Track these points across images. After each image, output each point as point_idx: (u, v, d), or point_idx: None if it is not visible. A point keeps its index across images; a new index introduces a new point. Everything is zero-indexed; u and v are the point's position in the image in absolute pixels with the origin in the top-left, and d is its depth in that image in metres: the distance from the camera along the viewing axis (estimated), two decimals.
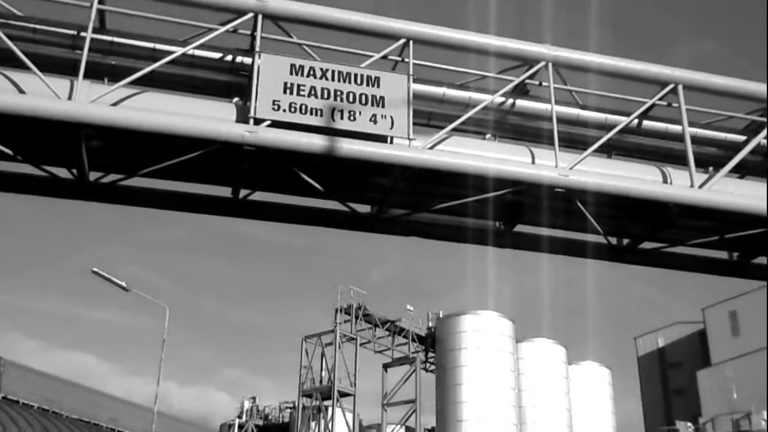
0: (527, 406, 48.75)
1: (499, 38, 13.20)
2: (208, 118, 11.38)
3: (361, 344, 48.83)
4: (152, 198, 13.10)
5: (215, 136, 11.15)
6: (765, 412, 65.28)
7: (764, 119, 14.31)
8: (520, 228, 14.32)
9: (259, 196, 13.28)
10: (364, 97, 11.84)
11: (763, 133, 14.04)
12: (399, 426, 49.51)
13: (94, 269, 28.28)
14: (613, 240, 14.83)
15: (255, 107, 11.33)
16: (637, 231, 14.61)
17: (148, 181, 12.62)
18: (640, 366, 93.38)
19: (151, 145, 11.69)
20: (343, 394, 47.73)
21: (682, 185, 13.21)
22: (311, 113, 11.51)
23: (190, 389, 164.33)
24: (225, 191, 13.09)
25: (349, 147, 11.50)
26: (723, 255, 15.88)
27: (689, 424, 66.96)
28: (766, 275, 16.59)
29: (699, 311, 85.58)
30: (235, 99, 12.33)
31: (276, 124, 11.40)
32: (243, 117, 11.53)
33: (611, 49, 13.71)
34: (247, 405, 60.25)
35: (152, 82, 11.98)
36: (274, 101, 11.40)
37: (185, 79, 12.43)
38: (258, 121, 11.33)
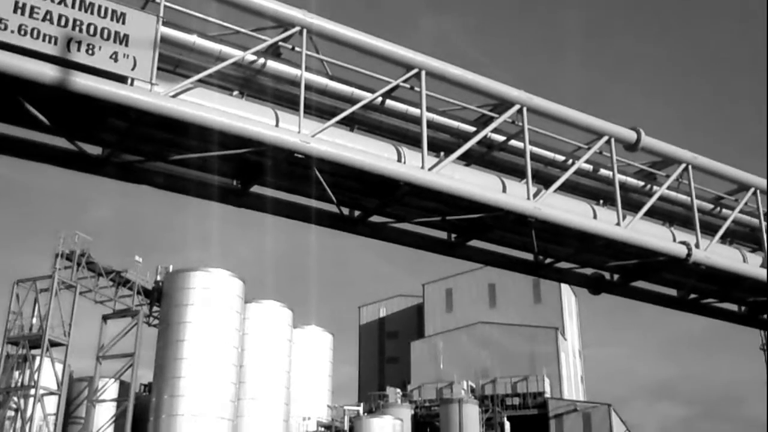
0: (249, 365, 49.32)
1: None
2: None
3: (80, 293, 46.35)
4: None
5: None
6: (465, 382, 71.43)
7: (493, 114, 15.48)
8: (256, 189, 14.31)
9: None
10: (106, 31, 11.08)
11: (491, 127, 15.18)
12: (114, 380, 47.78)
13: None
14: (346, 210, 15.30)
15: None
16: (369, 204, 15.19)
17: None
18: (361, 333, 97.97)
19: None
20: (54, 344, 45.02)
21: (414, 166, 13.91)
22: (44, 39, 10.56)
23: None
24: None
25: (83, 83, 10.72)
26: (443, 235, 17.02)
27: (398, 390, 71.46)
28: (480, 257, 18.04)
29: (420, 286, 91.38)
30: None
31: (1, 47, 10.32)
32: None
33: (365, 26, 14.03)
34: None
35: None
36: (0, 20, 10.30)
37: None
38: None
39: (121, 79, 11.15)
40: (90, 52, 10.89)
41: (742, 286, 19.50)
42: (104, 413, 47.53)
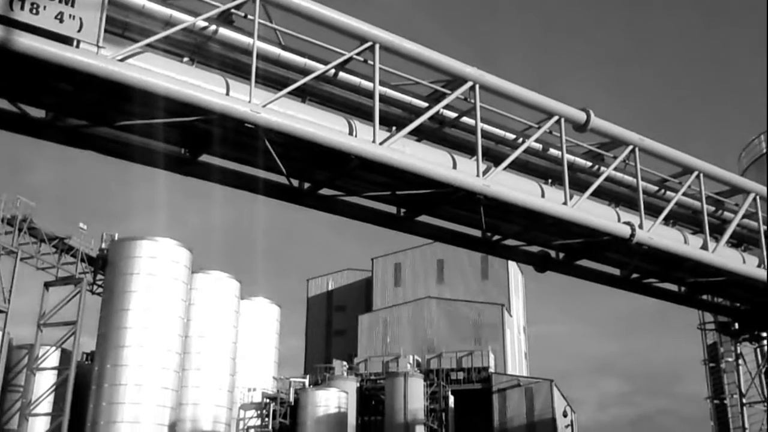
0: (194, 336, 48.91)
1: None
2: None
3: (22, 259, 45.25)
4: None
5: None
6: (411, 356, 72.04)
7: (446, 91, 15.46)
8: (204, 158, 14.12)
9: None
10: None
11: (443, 103, 15.17)
12: (55, 348, 46.98)
13: None
14: (296, 182, 15.19)
15: None
16: (319, 177, 15.11)
17: None
18: (308, 306, 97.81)
19: None
20: None
21: (365, 140, 13.85)
22: None
23: None
24: None
25: (26, 43, 10.39)
26: (393, 210, 17.03)
27: (344, 363, 71.65)
28: (429, 232, 18.12)
29: (369, 260, 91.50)
30: None
31: None
32: None
33: None
34: None
35: None
36: None
37: None
38: None
39: (66, 40, 10.85)
40: (34, 11, 10.55)
41: (682, 267, 19.98)
42: (44, 382, 46.67)
